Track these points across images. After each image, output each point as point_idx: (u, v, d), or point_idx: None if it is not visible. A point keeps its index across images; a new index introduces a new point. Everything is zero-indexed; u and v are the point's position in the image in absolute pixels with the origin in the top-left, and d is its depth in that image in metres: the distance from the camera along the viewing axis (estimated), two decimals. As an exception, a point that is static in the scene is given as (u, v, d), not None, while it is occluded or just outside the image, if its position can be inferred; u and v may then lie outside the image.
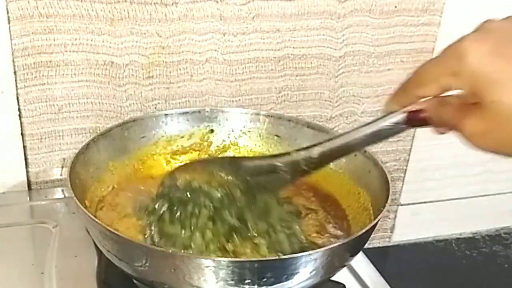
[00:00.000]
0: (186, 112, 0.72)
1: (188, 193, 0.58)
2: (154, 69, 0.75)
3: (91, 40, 0.71)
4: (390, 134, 0.47)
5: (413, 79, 0.43)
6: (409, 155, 0.94)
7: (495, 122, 0.38)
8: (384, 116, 0.46)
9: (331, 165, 0.68)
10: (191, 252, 0.54)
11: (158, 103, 0.77)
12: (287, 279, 0.50)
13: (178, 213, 0.57)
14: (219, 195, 0.57)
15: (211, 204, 0.56)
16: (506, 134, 0.38)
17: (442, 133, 0.44)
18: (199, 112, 0.73)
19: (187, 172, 0.60)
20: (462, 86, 0.39)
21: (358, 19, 0.81)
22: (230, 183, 0.58)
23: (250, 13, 0.75)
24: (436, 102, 0.43)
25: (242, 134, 0.73)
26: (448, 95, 0.41)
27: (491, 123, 0.38)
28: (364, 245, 0.57)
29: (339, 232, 0.62)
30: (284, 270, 0.49)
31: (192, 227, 0.55)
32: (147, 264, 0.50)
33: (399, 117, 0.45)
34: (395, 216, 0.99)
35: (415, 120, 0.44)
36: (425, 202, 0.99)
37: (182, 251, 0.54)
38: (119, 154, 0.67)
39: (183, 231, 0.55)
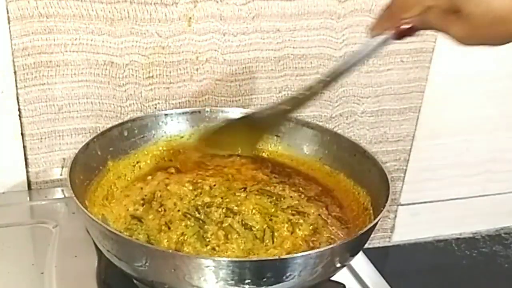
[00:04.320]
0: (186, 112, 0.72)
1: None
2: (154, 69, 0.75)
3: (91, 40, 0.71)
4: (378, 50, 0.53)
5: (396, 5, 0.51)
6: (409, 155, 0.94)
7: (474, 28, 0.46)
8: (371, 40, 0.53)
9: (331, 165, 0.69)
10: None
11: (158, 103, 0.77)
12: (287, 279, 0.50)
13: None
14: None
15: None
16: (485, 34, 0.47)
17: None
18: (199, 112, 0.73)
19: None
20: (443, 4, 0.47)
21: (358, 19, 0.81)
22: None
23: (250, 13, 0.75)
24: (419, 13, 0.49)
25: (242, 134, 0.73)
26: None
27: (471, 28, 0.46)
28: (364, 245, 0.57)
29: (339, 232, 0.62)
30: (284, 270, 0.49)
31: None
32: (147, 264, 0.50)
33: (385, 36, 0.52)
34: (395, 216, 0.99)
35: (401, 34, 0.51)
36: (425, 202, 0.99)
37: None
38: (119, 154, 0.67)
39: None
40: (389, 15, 0.52)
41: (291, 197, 0.64)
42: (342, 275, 0.59)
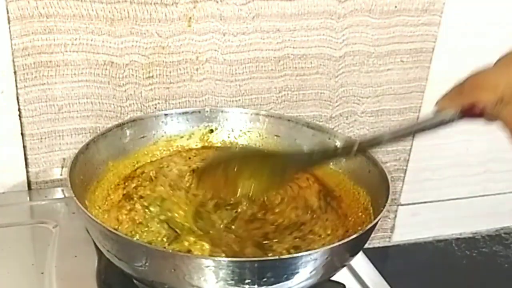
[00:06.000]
0: (186, 112, 0.72)
1: None
2: (154, 69, 0.75)
3: (91, 40, 0.71)
4: (437, 127, 0.50)
5: (469, 84, 0.48)
6: (409, 155, 0.94)
7: None
8: (436, 114, 0.49)
9: (331, 165, 0.69)
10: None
11: (158, 103, 0.77)
12: (287, 279, 0.50)
13: None
14: None
15: None
16: None
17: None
18: (199, 112, 0.73)
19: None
20: None
21: (358, 19, 0.81)
22: None
23: (250, 13, 0.75)
24: (493, 100, 0.46)
25: (242, 134, 0.73)
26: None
27: None
28: (364, 245, 0.57)
29: (339, 232, 0.62)
30: (284, 270, 0.49)
31: None
32: (147, 264, 0.50)
33: (451, 114, 0.48)
34: (395, 216, 0.99)
35: (469, 115, 0.47)
36: (425, 202, 0.99)
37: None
38: (119, 154, 0.67)
39: None
40: (460, 92, 0.48)
41: None
42: (342, 275, 0.59)
